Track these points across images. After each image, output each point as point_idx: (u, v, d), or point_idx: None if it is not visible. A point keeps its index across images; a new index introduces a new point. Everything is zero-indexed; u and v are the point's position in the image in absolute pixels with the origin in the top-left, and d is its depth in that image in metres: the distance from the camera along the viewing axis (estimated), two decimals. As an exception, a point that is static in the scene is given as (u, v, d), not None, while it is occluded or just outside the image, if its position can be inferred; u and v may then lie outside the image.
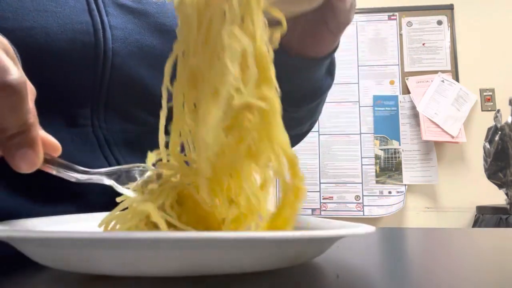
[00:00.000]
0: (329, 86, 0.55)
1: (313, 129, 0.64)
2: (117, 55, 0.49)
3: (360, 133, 2.24)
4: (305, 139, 0.65)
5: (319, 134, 2.23)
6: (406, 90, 2.26)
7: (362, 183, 2.21)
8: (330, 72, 0.54)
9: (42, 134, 0.31)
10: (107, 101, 0.50)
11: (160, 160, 0.30)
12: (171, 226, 0.26)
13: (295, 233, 0.21)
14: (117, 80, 0.50)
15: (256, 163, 0.26)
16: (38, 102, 0.47)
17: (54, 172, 0.31)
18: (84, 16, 0.48)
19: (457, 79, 2.24)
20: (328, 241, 0.25)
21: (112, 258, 0.21)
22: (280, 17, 0.28)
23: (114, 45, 0.49)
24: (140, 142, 0.51)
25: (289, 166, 0.25)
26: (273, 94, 0.26)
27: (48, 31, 0.46)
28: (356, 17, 2.33)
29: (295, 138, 0.64)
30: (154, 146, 0.30)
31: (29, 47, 0.45)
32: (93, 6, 0.50)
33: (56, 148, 0.32)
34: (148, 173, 0.33)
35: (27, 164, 0.28)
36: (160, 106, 0.29)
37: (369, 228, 0.24)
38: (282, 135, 0.25)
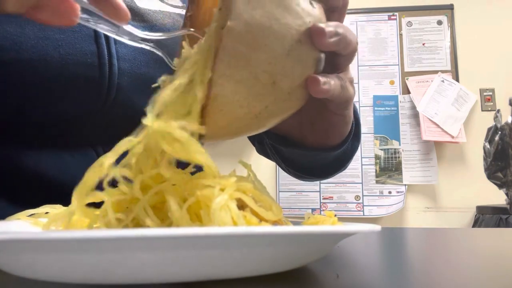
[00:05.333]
0: (355, 148, 0.50)
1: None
2: (121, 90, 0.46)
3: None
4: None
5: (319, 134, 2.23)
6: (406, 90, 2.26)
7: (362, 183, 2.21)
8: (357, 136, 0.48)
9: None
10: (106, 128, 0.48)
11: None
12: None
13: (307, 228, 0.20)
14: (118, 111, 0.47)
15: None
16: (33, 125, 0.46)
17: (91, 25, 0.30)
18: (89, 45, 0.45)
19: (457, 79, 2.24)
20: (334, 239, 0.25)
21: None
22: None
23: (119, 80, 0.46)
24: None
25: None
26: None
27: (48, 63, 0.42)
28: (356, 17, 2.33)
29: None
30: None
31: (28, 79, 0.42)
32: (101, 32, 0.45)
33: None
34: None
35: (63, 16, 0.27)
36: None
37: (375, 227, 0.24)
38: None
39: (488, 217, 1.92)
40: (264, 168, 2.17)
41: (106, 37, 0.46)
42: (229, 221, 0.23)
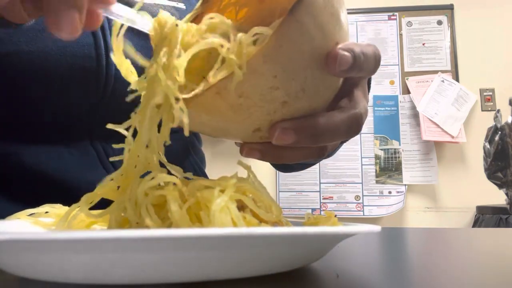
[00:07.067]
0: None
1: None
2: (119, 80, 0.46)
3: (360, 133, 2.24)
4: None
5: (319, 134, 2.23)
6: (406, 90, 2.26)
7: (362, 183, 2.21)
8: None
9: None
10: (105, 121, 0.47)
11: None
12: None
13: (307, 229, 0.20)
14: (117, 104, 0.46)
15: None
16: (32, 119, 0.46)
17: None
18: (86, 38, 0.45)
19: (457, 79, 2.24)
20: (334, 240, 0.25)
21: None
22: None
23: (116, 71, 0.46)
24: None
25: None
26: None
27: (46, 56, 0.43)
28: (356, 17, 2.33)
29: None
30: None
31: (26, 71, 0.42)
32: None
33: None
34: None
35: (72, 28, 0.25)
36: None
37: (375, 228, 0.24)
38: None
39: (488, 217, 1.92)
40: (264, 168, 2.17)
41: (103, 28, 0.46)
42: (229, 223, 0.23)
